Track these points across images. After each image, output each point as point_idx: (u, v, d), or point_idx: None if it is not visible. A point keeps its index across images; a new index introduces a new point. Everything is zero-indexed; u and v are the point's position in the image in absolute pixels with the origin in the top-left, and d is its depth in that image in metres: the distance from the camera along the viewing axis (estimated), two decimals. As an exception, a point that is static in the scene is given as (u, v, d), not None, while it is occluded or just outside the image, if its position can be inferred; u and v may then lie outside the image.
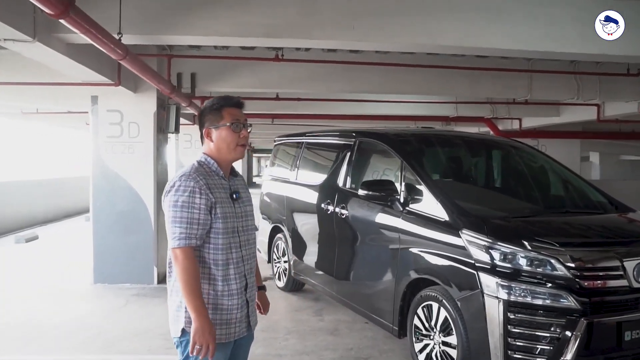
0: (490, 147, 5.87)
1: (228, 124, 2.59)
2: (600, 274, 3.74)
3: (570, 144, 15.35)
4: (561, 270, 3.66)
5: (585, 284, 3.66)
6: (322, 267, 6.01)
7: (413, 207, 4.57)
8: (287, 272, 7.03)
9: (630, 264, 3.78)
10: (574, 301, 3.59)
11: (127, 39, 5.04)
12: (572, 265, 3.67)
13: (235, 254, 2.60)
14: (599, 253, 3.85)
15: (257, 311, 2.92)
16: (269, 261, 7.65)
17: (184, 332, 2.52)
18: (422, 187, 4.55)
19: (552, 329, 3.59)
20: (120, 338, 5.37)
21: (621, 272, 3.76)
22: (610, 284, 3.74)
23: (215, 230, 2.53)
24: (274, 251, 7.47)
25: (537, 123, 13.73)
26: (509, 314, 3.63)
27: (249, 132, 2.70)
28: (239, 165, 24.86)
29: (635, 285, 3.78)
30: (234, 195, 2.65)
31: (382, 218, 4.88)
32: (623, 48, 5.33)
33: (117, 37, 4.70)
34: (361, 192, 4.87)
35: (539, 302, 3.62)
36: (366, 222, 5.17)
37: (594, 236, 4.27)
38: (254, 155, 43.93)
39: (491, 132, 13.78)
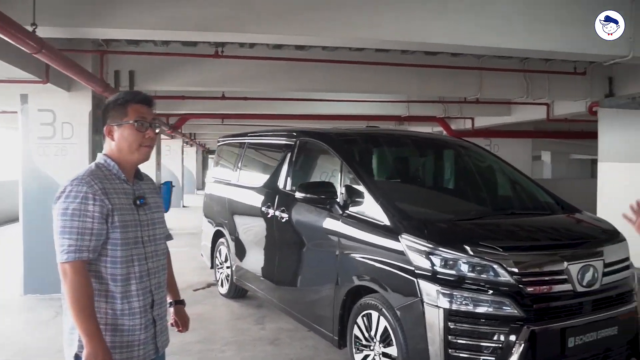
0: (437, 147, 5.68)
1: (132, 121, 2.29)
2: (545, 279, 3.56)
3: (523, 143, 15.42)
4: (504, 277, 3.47)
5: (529, 289, 3.48)
6: (263, 273, 5.72)
7: (353, 210, 4.33)
8: (229, 279, 6.72)
9: (574, 268, 3.63)
10: (517, 308, 3.41)
11: (46, 32, 4.65)
12: (516, 270, 3.49)
13: (138, 268, 2.29)
14: (543, 257, 3.67)
15: (176, 328, 2.65)
16: (212, 267, 7.32)
17: (78, 357, 2.20)
18: (362, 189, 4.32)
19: (494, 338, 3.40)
20: (42, 355, 4.96)
21: (565, 277, 3.60)
22: (555, 289, 3.57)
23: (112, 241, 2.22)
24: (216, 256, 7.15)
25: (489, 122, 13.72)
26: (449, 323, 3.42)
27: (157, 132, 2.39)
28: (193, 167, 24.26)
29: (579, 289, 3.63)
30: (138, 201, 2.34)
31: (322, 222, 4.63)
32: (572, 45, 5.22)
33: (30, 28, 4.31)
34: (298, 195, 4.60)
35: (481, 310, 3.43)
36: (306, 226, 4.91)
37: (539, 239, 4.09)
38: (209, 156, 43.19)
39: (444, 132, 13.72)
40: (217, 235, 7.06)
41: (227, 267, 6.76)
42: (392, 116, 12.81)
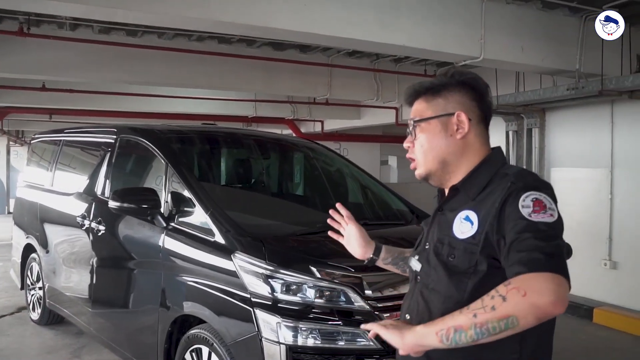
0: (283, 149, 5.07)
1: None
2: (401, 302, 3.06)
3: (371, 147, 15.52)
4: (357, 302, 2.93)
5: (385, 315, 2.97)
6: (77, 295, 4.77)
7: (180, 221, 3.58)
8: (42, 302, 5.62)
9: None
10: (374, 340, 2.86)
11: None
12: (370, 293, 2.97)
13: None
14: (398, 276, 3.15)
15: None
16: (22, 287, 6.15)
17: None
18: (190, 197, 3.59)
19: (349, 377, 2.83)
20: None
21: (421, 297, 3.14)
22: (411, 312, 3.09)
23: None
24: (27, 275, 5.99)
25: (339, 125, 13.55)
26: (293, 362, 2.80)
27: None
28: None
29: (435, 310, 3.19)
30: None
31: (143, 236, 3.85)
32: (425, 42, 4.91)
33: None
34: (112, 203, 3.75)
35: (332, 345, 2.85)
36: (125, 241, 4.10)
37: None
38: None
39: (293, 134, 13.30)
40: (28, 249, 5.92)
41: (40, 289, 5.66)
42: (239, 117, 12.13)
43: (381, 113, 11.32)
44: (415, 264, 1.74)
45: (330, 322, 2.90)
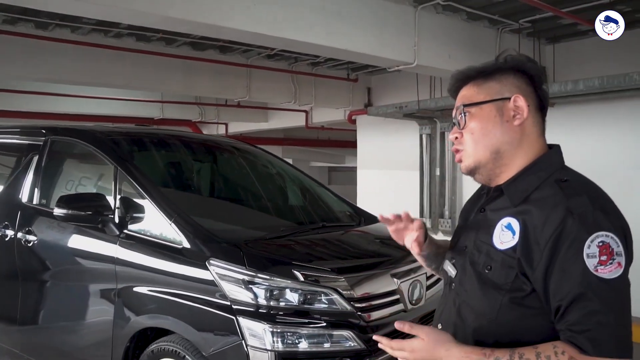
0: (225, 151, 4.92)
1: None
2: (380, 301, 3.09)
3: (273, 150, 15.38)
4: (340, 304, 2.90)
5: (368, 316, 2.97)
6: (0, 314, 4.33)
7: (135, 229, 3.36)
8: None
9: (405, 285, 3.25)
10: (358, 340, 2.86)
11: None
12: (352, 294, 2.95)
13: None
14: (377, 277, 3.19)
15: None
16: None
17: None
18: (146, 203, 3.38)
19: (333, 381, 2.80)
20: None
21: (398, 296, 3.19)
22: (389, 310, 3.12)
23: None
24: None
25: (244, 128, 13.39)
26: (284, 370, 2.72)
27: None
28: None
29: (410, 307, 3.25)
30: None
31: (90, 244, 3.55)
32: (366, 47, 4.98)
33: None
34: (58, 211, 3.44)
35: (319, 348, 2.80)
36: (66, 251, 3.75)
37: (366, 256, 3.62)
38: None
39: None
40: None
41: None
42: (144, 118, 11.61)
43: (291, 116, 11.33)
44: (451, 269, 1.59)
45: (315, 326, 2.85)
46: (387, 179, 9.12)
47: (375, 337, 1.55)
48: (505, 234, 1.40)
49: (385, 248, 3.74)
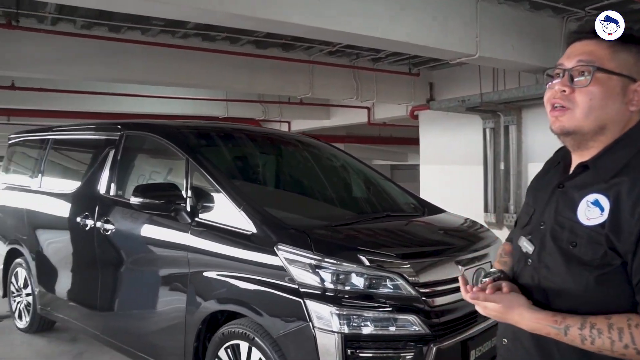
0: (291, 144, 5.05)
1: None
2: (445, 288, 3.10)
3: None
4: (406, 289, 2.95)
5: (432, 301, 3.00)
6: (81, 298, 4.60)
7: (205, 217, 3.51)
8: (31, 308, 5.38)
9: (469, 272, 3.25)
10: (423, 325, 2.89)
11: None
12: (418, 280, 2.98)
13: None
14: (441, 263, 3.21)
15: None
16: (5, 295, 5.87)
17: None
18: (216, 192, 3.52)
19: (398, 363, 2.85)
20: None
21: (462, 283, 3.19)
22: (454, 297, 3.13)
23: None
24: (11, 281, 5.73)
25: (307, 126, 13.53)
26: (348, 350, 2.79)
27: None
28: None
29: (475, 295, 3.24)
30: None
31: (164, 233, 3.73)
32: (427, 39, 4.99)
33: None
34: (134, 200, 3.63)
35: (384, 332, 2.86)
36: (141, 239, 3.95)
37: (429, 244, 3.64)
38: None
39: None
40: (12, 254, 5.66)
41: (28, 295, 5.41)
42: (210, 117, 11.93)
43: (352, 113, 11.39)
44: (527, 245, 1.53)
45: (381, 309, 2.90)
46: (450, 174, 9.04)
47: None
48: (592, 210, 1.36)
49: (448, 237, 3.77)
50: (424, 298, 2.98)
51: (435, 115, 8.94)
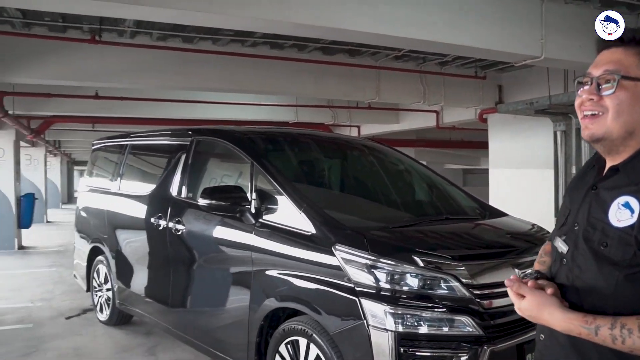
0: (351, 148, 5.17)
1: None
2: (500, 290, 3.12)
3: (405, 152, 15.48)
4: (460, 290, 3.00)
5: (486, 303, 3.03)
6: (154, 294, 4.89)
7: (268, 218, 3.68)
8: (110, 302, 5.76)
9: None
10: (476, 326, 2.93)
11: None
12: (472, 282, 3.03)
13: None
14: (496, 266, 3.24)
15: None
16: (88, 289, 6.29)
17: None
18: (279, 194, 3.69)
19: (452, 363, 2.90)
20: None
21: (518, 286, 3.20)
22: (509, 301, 3.14)
23: None
24: (94, 277, 6.14)
25: (376, 130, 13.61)
26: (401, 348, 2.87)
27: None
28: (57, 179, 22.18)
29: (531, 299, 3.24)
30: None
31: (230, 233, 3.94)
32: (488, 42, 4.99)
33: None
34: (202, 201, 3.86)
35: (437, 331, 2.92)
36: (209, 239, 4.17)
37: (486, 246, 3.66)
38: (75, 168, 40.05)
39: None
40: (94, 252, 6.07)
41: (108, 290, 5.80)
42: (279, 122, 12.25)
43: (421, 117, 11.38)
44: (562, 245, 1.60)
45: (434, 310, 2.96)
46: (520, 178, 8.88)
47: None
48: (623, 212, 1.40)
49: (507, 240, 3.77)
50: (478, 300, 3.01)
51: (505, 118, 8.81)
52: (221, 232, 4.03)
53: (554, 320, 1.47)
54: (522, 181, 8.81)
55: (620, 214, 1.41)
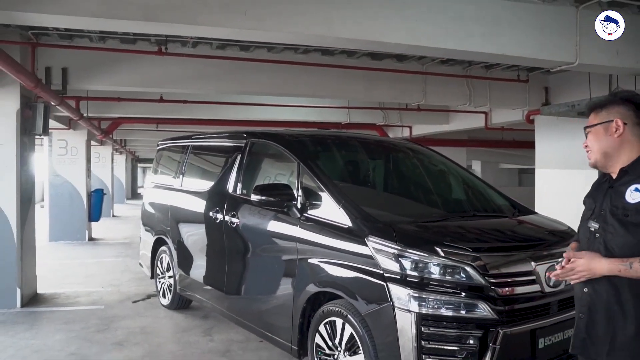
0: (388, 149, 5.58)
1: None
2: (515, 280, 3.48)
3: (457, 152, 15.64)
4: (476, 278, 3.37)
5: (501, 291, 3.40)
6: (211, 281, 5.43)
7: (312, 213, 4.14)
8: (172, 289, 6.36)
9: (542, 268, 3.57)
10: (490, 311, 3.31)
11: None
12: (487, 271, 3.39)
13: None
14: (512, 258, 3.59)
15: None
16: (152, 276, 6.93)
17: None
18: (321, 191, 4.14)
19: (467, 342, 3.27)
20: None
21: (534, 277, 3.54)
22: (524, 289, 3.50)
23: None
24: (157, 265, 6.77)
25: (426, 131, 13.87)
26: (422, 327, 3.28)
27: None
28: (122, 175, 23.30)
29: (547, 289, 3.57)
30: None
31: (278, 226, 4.42)
32: (524, 50, 5.27)
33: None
34: (254, 197, 4.37)
35: (454, 313, 3.30)
36: (260, 231, 4.67)
37: (506, 240, 4.02)
38: (139, 165, 41.84)
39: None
40: (158, 243, 6.70)
41: (170, 277, 6.40)
42: (332, 123, 12.70)
43: (470, 117, 11.59)
44: (594, 224, 2.38)
45: (452, 294, 3.34)
46: (565, 178, 8.99)
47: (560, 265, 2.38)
48: (635, 194, 2.24)
49: (524, 235, 4.11)
50: (493, 287, 3.38)
51: (550, 119, 8.95)
52: (271, 225, 4.51)
53: (601, 265, 2.25)
54: (567, 181, 8.92)
55: (633, 195, 2.25)
